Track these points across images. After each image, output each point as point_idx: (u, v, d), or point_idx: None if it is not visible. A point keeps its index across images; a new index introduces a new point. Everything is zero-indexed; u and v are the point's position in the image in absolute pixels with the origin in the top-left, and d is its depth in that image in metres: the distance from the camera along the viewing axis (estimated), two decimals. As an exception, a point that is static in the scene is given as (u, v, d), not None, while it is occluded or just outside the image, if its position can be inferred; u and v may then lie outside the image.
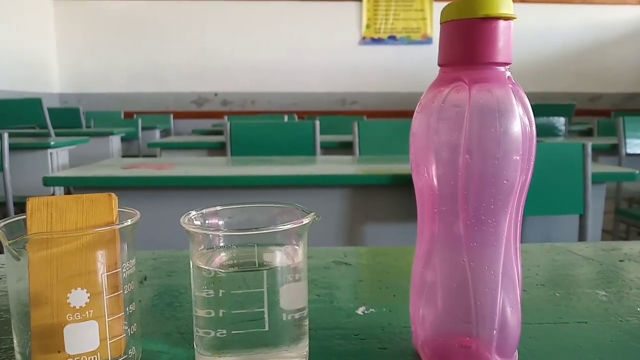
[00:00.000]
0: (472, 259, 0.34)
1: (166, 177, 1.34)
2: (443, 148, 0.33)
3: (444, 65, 0.35)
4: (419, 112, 0.35)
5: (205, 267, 0.35)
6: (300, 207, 0.38)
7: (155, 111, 5.14)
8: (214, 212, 0.38)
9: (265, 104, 5.31)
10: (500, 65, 0.33)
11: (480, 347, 0.35)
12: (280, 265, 0.37)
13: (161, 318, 0.46)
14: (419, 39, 5.16)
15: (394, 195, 1.47)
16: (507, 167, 0.33)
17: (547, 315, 0.46)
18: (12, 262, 0.34)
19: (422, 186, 0.36)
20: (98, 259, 0.33)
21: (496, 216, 0.33)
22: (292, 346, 0.36)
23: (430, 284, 0.36)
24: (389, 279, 0.57)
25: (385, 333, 0.43)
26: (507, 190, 0.33)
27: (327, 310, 0.48)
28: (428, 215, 0.36)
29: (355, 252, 0.68)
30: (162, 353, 0.39)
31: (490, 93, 0.33)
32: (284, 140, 2.27)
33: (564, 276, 0.58)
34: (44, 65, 5.11)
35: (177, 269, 0.60)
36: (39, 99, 3.00)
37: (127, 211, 0.37)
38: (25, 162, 2.48)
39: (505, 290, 0.35)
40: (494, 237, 0.34)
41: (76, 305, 0.33)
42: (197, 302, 0.36)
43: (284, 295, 0.35)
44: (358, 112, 5.11)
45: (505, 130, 0.32)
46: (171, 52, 5.21)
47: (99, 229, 0.33)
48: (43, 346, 0.33)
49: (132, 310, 0.36)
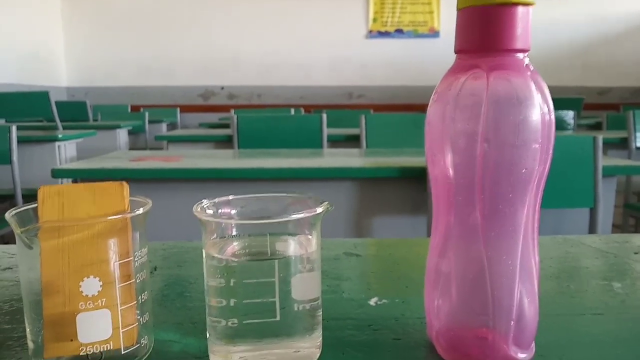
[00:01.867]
0: (490, 250, 0.33)
1: (175, 169, 1.33)
2: (460, 137, 0.33)
3: (460, 52, 0.34)
4: (434, 101, 0.35)
5: (217, 256, 0.35)
6: (313, 197, 0.38)
7: (162, 104, 5.15)
8: (226, 202, 0.37)
9: (271, 97, 5.30)
10: (519, 52, 0.33)
11: (497, 338, 0.34)
12: (293, 255, 0.36)
13: (172, 308, 0.46)
14: (426, 33, 5.13)
15: (401, 188, 1.46)
16: (526, 155, 0.32)
17: (563, 307, 0.46)
18: (24, 250, 0.33)
19: (438, 176, 0.35)
20: (110, 248, 0.33)
21: (514, 206, 0.33)
22: (305, 336, 0.36)
23: (445, 275, 0.36)
24: (400, 271, 0.57)
25: (398, 324, 0.42)
26: (525, 179, 0.32)
27: (339, 301, 0.47)
28: (444, 205, 0.35)
29: (365, 244, 0.68)
30: (174, 342, 0.39)
31: (509, 80, 0.32)
32: (290, 134, 2.27)
33: (578, 268, 0.57)
34: (51, 58, 5.12)
35: (187, 260, 0.59)
36: (46, 92, 3.00)
37: (138, 200, 0.37)
38: (33, 155, 2.49)
39: (523, 282, 0.34)
40: (512, 227, 0.33)
41: (89, 294, 0.32)
42: (209, 291, 0.36)
43: (297, 286, 0.35)
44: (365, 105, 5.09)
45: (524, 118, 0.31)
46: (178, 45, 5.21)
47: (111, 217, 0.33)
48: (55, 335, 0.33)
49: (144, 299, 0.36)
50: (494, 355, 0.34)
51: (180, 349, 0.38)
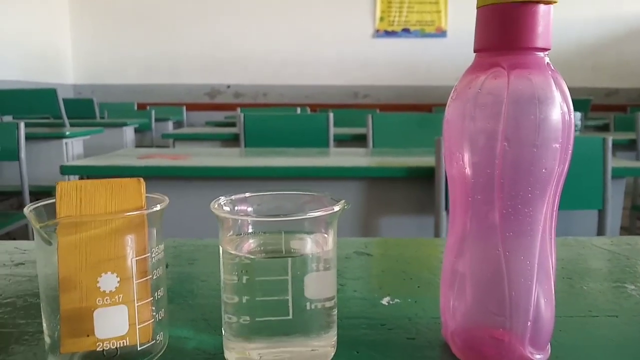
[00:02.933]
0: (508, 249, 0.33)
1: (183, 167, 1.34)
2: (479, 135, 0.32)
3: (480, 51, 0.34)
4: (453, 99, 0.34)
5: (231, 252, 0.35)
6: (329, 195, 0.38)
7: (168, 103, 5.16)
8: (243, 199, 0.37)
9: (277, 96, 5.30)
10: (540, 51, 0.33)
11: (513, 338, 0.34)
12: (307, 254, 0.36)
13: (184, 305, 0.46)
14: (433, 32, 5.11)
15: (409, 187, 1.46)
16: (546, 155, 0.32)
17: (576, 308, 0.45)
18: (41, 246, 0.33)
19: (456, 175, 0.35)
20: (127, 244, 0.33)
21: (533, 205, 0.33)
22: (320, 335, 0.36)
23: (462, 275, 0.36)
24: (412, 270, 0.56)
25: (412, 323, 0.42)
26: (545, 179, 0.32)
27: (351, 300, 0.47)
28: (461, 204, 0.35)
29: (376, 243, 0.67)
30: (188, 339, 0.39)
31: (530, 79, 0.32)
32: (297, 133, 2.26)
33: (591, 270, 0.57)
34: (58, 56, 5.14)
35: (198, 257, 0.59)
36: (53, 89, 3.01)
37: (154, 197, 0.37)
38: (40, 152, 2.50)
39: (540, 282, 0.34)
40: (530, 227, 0.33)
41: (106, 290, 0.32)
42: (224, 287, 0.36)
43: (311, 284, 0.35)
44: (370, 105, 5.09)
45: (545, 117, 0.31)
46: (184, 44, 5.22)
47: (130, 214, 0.33)
48: (72, 330, 0.33)
49: (160, 295, 0.36)
50: (510, 356, 0.34)
51: (194, 345, 0.38)
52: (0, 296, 0.47)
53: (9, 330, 0.40)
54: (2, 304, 0.45)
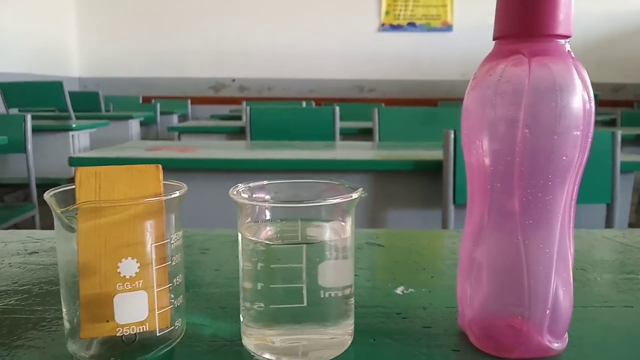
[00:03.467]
0: (527, 237, 0.33)
1: (192, 159, 1.34)
2: (500, 123, 0.32)
3: (500, 38, 0.34)
4: (472, 87, 0.34)
5: (249, 238, 0.35)
6: (347, 184, 0.38)
7: (173, 96, 5.16)
8: (261, 186, 0.37)
9: (282, 90, 5.30)
10: (561, 38, 0.32)
11: (532, 327, 0.34)
12: (323, 241, 0.36)
13: (199, 294, 0.46)
14: (439, 26, 5.09)
15: (416, 181, 1.46)
16: (567, 143, 0.32)
17: (592, 298, 0.45)
18: (61, 232, 0.34)
19: (474, 163, 0.35)
20: (147, 230, 0.33)
21: (553, 194, 0.33)
22: (338, 323, 0.36)
23: (479, 263, 0.35)
24: (424, 261, 0.56)
25: (427, 313, 0.42)
26: (565, 167, 0.32)
27: (365, 289, 0.47)
28: (479, 192, 0.35)
29: (387, 234, 0.67)
30: (205, 326, 0.39)
31: (551, 66, 0.32)
32: (303, 126, 2.26)
33: (604, 261, 0.57)
34: (64, 49, 5.14)
35: (209, 247, 0.60)
36: (60, 82, 3.02)
37: (173, 184, 0.37)
38: (46, 144, 2.51)
39: (559, 271, 0.34)
40: (550, 215, 0.33)
41: (126, 275, 0.32)
42: (242, 274, 0.36)
43: (327, 272, 0.35)
44: (376, 99, 5.07)
45: (566, 105, 0.31)
46: (189, 37, 5.21)
47: (150, 199, 0.33)
48: (92, 315, 0.33)
49: (178, 282, 0.36)
50: (528, 344, 0.34)
51: (212, 332, 0.38)
52: (16, 284, 0.48)
53: (26, 316, 0.41)
54: (18, 291, 0.46)
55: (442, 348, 0.36)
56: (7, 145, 1.95)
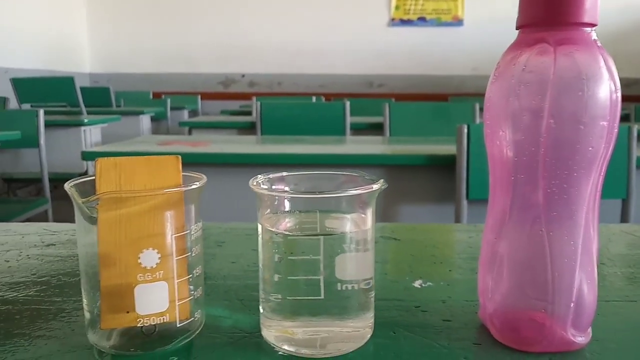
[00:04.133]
0: (551, 230, 0.33)
1: (205, 153, 1.34)
2: (524, 113, 0.32)
3: (524, 27, 0.33)
4: (496, 77, 0.34)
5: (268, 229, 0.35)
6: (366, 175, 0.37)
7: (182, 92, 5.17)
8: (280, 178, 0.37)
9: (291, 85, 5.29)
10: (587, 26, 0.32)
11: (555, 320, 0.33)
12: (342, 234, 0.36)
13: (216, 285, 0.46)
14: (449, 21, 5.05)
15: (428, 176, 1.45)
16: (593, 133, 0.31)
17: (613, 293, 0.45)
18: (82, 222, 0.34)
19: (497, 154, 0.34)
20: (167, 220, 0.33)
21: (578, 185, 0.32)
22: (358, 316, 0.35)
23: (502, 256, 0.35)
24: (441, 254, 0.56)
25: (446, 306, 0.42)
26: (591, 158, 0.32)
27: (383, 283, 0.47)
28: (502, 184, 0.35)
29: (402, 228, 0.67)
30: (224, 318, 0.39)
31: (577, 55, 0.31)
32: (313, 121, 2.26)
33: (624, 255, 0.56)
34: (75, 45, 5.17)
35: (226, 240, 0.60)
36: (71, 78, 3.04)
37: (192, 175, 0.37)
38: (59, 139, 2.52)
39: (583, 264, 0.33)
40: (575, 207, 0.32)
41: (147, 266, 0.32)
42: (261, 265, 0.36)
43: (345, 265, 0.35)
44: (385, 94, 5.05)
45: (592, 94, 0.31)
46: (199, 33, 5.22)
47: (171, 190, 0.33)
48: (112, 306, 0.33)
49: (197, 273, 0.36)
50: (551, 338, 0.34)
51: (231, 324, 0.38)
52: (34, 275, 0.48)
53: (46, 307, 0.41)
54: (37, 282, 0.46)
55: (463, 341, 0.36)
56: (20, 140, 1.97)
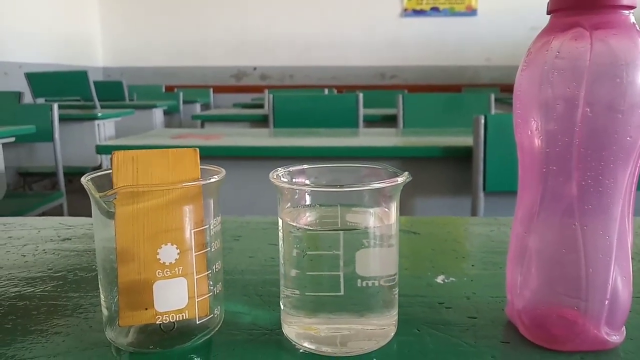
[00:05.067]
0: (585, 223, 0.31)
1: (220, 146, 1.33)
2: (558, 101, 0.30)
3: (557, 11, 0.32)
4: (526, 64, 0.32)
5: (289, 223, 0.34)
6: (390, 168, 0.36)
7: (195, 85, 5.18)
8: (300, 171, 0.36)
9: (303, 78, 5.27)
10: (625, 9, 0.30)
11: (588, 318, 0.32)
12: (365, 228, 0.35)
13: (235, 280, 0.45)
14: (463, 11, 4.98)
15: (444, 168, 1.43)
16: (632, 122, 0.29)
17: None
18: (99, 217, 0.33)
19: (527, 145, 0.33)
20: (186, 215, 0.32)
21: (614, 176, 0.30)
22: (382, 313, 0.34)
23: (532, 250, 0.34)
24: (463, 249, 0.55)
25: (471, 302, 0.40)
26: (629, 147, 0.30)
27: (405, 278, 0.46)
28: (533, 175, 0.33)
29: (421, 222, 0.66)
30: (244, 314, 0.38)
31: (615, 39, 0.29)
32: (326, 114, 2.24)
33: (653, 250, 0.54)
34: (88, 40, 5.20)
35: (242, 234, 0.59)
36: (84, 72, 3.05)
37: (210, 168, 0.36)
38: (73, 133, 2.53)
39: (618, 259, 0.32)
40: (611, 200, 0.31)
41: (166, 262, 0.32)
42: (282, 260, 0.35)
43: (366, 260, 0.33)
44: (398, 86, 5.01)
45: (632, 80, 0.29)
46: (211, 26, 5.21)
47: (189, 184, 0.32)
48: (130, 303, 0.32)
49: (217, 269, 0.35)
50: (584, 336, 0.32)
51: (250, 320, 0.37)
52: (51, 270, 0.48)
53: (62, 302, 0.40)
54: (54, 278, 0.46)
55: (490, 339, 0.35)
56: (35, 134, 1.98)
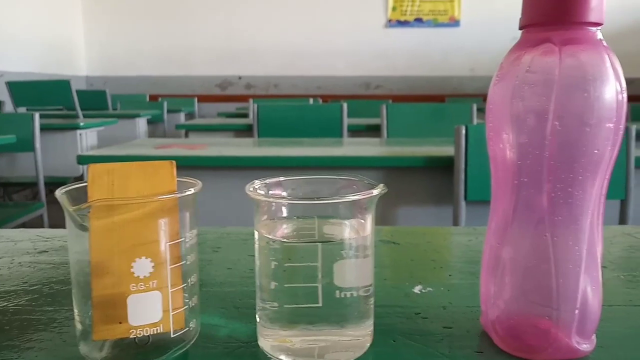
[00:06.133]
0: (556, 234, 0.32)
1: (202, 156, 1.33)
2: (528, 115, 0.31)
3: (528, 26, 0.32)
4: (499, 78, 0.33)
5: (264, 236, 0.34)
6: (366, 180, 0.36)
7: (179, 94, 5.16)
8: (277, 183, 0.36)
9: (289, 87, 5.28)
10: (593, 26, 0.31)
11: (559, 327, 0.33)
12: (340, 240, 0.35)
13: (212, 293, 0.45)
14: (446, 22, 5.05)
15: (426, 177, 1.44)
16: (599, 135, 0.30)
17: (616, 297, 0.44)
18: (73, 230, 0.32)
19: (499, 157, 0.33)
20: (161, 228, 0.32)
21: (584, 188, 0.31)
22: (357, 324, 0.34)
23: (505, 261, 0.34)
24: (441, 259, 0.55)
25: (447, 312, 0.41)
26: (597, 160, 0.31)
27: (383, 289, 0.46)
28: (505, 187, 0.34)
29: (401, 232, 0.66)
30: (220, 327, 0.38)
31: (583, 55, 0.30)
32: (310, 123, 2.25)
33: (626, 258, 0.55)
34: (71, 48, 5.15)
35: (222, 245, 0.59)
36: (67, 81, 3.02)
37: (187, 181, 0.36)
38: (54, 143, 2.51)
39: (588, 269, 0.33)
40: (580, 211, 0.32)
41: (140, 275, 0.31)
42: (258, 273, 0.35)
43: (344, 271, 0.34)
44: (382, 96, 5.05)
45: (599, 95, 0.30)
46: (196, 35, 5.21)
47: (164, 197, 0.32)
48: (104, 316, 0.32)
49: (192, 282, 0.35)
50: (555, 345, 0.33)
51: (227, 333, 0.37)
52: (26, 284, 0.47)
53: (36, 317, 0.40)
54: (29, 291, 0.45)
55: (465, 349, 0.35)
56: (16, 144, 1.95)
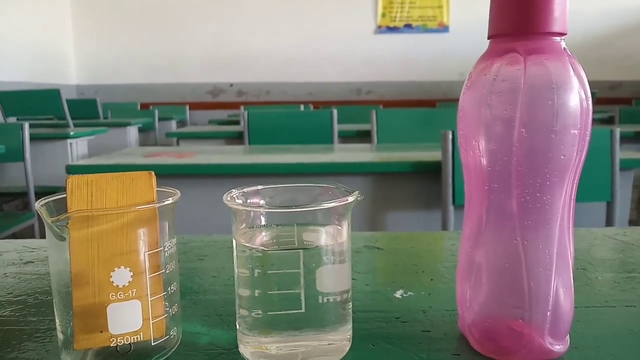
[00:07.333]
0: (526, 238, 0.33)
1: (190, 164, 1.33)
2: (496, 122, 0.32)
3: (495, 37, 0.33)
4: (468, 87, 0.34)
5: (243, 245, 0.35)
6: (342, 187, 0.37)
7: (171, 102, 5.16)
8: (255, 191, 0.37)
9: (280, 94, 5.30)
10: (557, 36, 0.32)
11: (533, 329, 0.33)
12: (320, 246, 0.36)
13: (195, 301, 0.45)
14: (435, 27, 5.09)
15: (415, 182, 1.45)
16: (565, 141, 0.31)
17: (593, 298, 0.45)
18: (53, 241, 0.33)
19: (471, 163, 0.34)
20: (140, 238, 0.33)
21: (552, 193, 0.32)
22: (336, 329, 0.35)
23: (479, 265, 0.35)
24: (424, 263, 0.56)
25: (427, 316, 0.41)
26: (563, 166, 0.32)
27: (364, 294, 0.47)
28: (477, 193, 0.35)
29: (386, 237, 0.67)
30: (202, 334, 0.38)
31: (547, 64, 0.31)
32: (301, 130, 2.26)
33: (605, 260, 0.56)
34: (61, 57, 5.15)
35: (207, 253, 0.59)
36: (57, 90, 3.02)
37: (166, 190, 0.36)
38: (45, 152, 2.50)
39: (559, 272, 0.33)
40: (549, 215, 0.32)
41: (119, 284, 0.32)
42: (237, 281, 0.35)
43: (324, 277, 0.34)
44: (373, 101, 5.07)
45: (563, 103, 0.31)
46: (187, 42, 5.21)
47: (142, 207, 0.33)
48: (85, 326, 0.32)
49: (172, 290, 0.35)
50: (529, 347, 0.34)
51: (208, 340, 0.38)
52: (11, 294, 0.47)
53: (20, 327, 0.40)
54: (13, 302, 0.45)
55: (442, 352, 0.36)
56: (5, 154, 1.95)
